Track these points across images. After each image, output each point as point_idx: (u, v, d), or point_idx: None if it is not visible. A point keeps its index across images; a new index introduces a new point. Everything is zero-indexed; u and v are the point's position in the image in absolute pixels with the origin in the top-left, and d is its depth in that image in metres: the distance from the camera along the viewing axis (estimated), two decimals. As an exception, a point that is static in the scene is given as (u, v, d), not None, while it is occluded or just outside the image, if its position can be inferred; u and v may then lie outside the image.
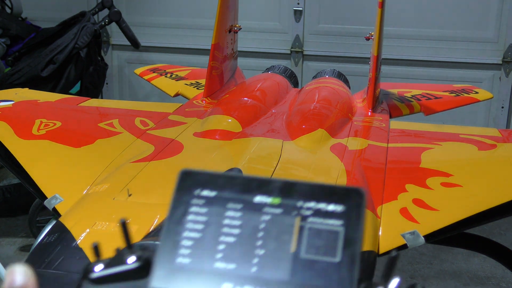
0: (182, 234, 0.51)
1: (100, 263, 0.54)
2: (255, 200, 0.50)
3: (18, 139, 1.93)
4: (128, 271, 0.53)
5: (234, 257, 0.49)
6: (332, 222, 0.48)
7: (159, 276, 0.49)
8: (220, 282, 0.48)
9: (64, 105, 2.35)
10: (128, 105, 2.54)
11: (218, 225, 0.50)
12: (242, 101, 2.34)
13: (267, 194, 0.50)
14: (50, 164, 1.83)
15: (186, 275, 0.49)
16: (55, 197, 1.63)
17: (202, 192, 0.52)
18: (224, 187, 0.52)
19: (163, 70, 3.29)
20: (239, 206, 0.50)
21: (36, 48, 3.72)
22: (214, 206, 0.51)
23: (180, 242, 0.50)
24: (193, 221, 0.51)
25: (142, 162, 1.74)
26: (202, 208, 0.51)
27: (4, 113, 2.09)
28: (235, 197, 0.51)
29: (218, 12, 2.42)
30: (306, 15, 4.63)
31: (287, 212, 0.49)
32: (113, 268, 0.53)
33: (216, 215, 0.51)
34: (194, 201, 0.52)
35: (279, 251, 0.48)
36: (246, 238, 0.49)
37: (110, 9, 3.79)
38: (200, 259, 0.49)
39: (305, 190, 0.50)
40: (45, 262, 1.27)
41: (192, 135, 2.01)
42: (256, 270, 0.48)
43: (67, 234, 1.34)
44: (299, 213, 0.49)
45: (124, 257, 0.53)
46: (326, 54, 4.61)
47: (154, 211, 1.43)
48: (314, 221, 0.49)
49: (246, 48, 3.89)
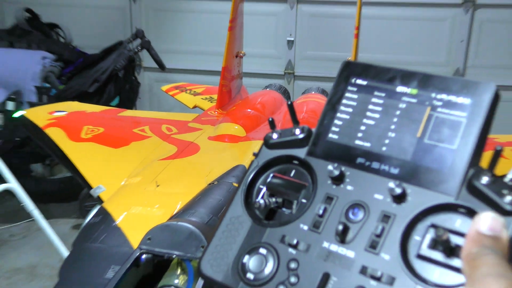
0: (336, 115, 0.50)
1: (275, 133, 0.53)
2: (397, 89, 0.48)
3: (70, 142, 1.95)
4: (294, 140, 0.51)
5: (370, 137, 0.48)
6: (458, 113, 0.45)
7: (313, 147, 0.50)
8: (355, 157, 0.47)
9: (106, 115, 2.36)
10: (156, 115, 2.55)
11: (363, 109, 0.49)
12: (246, 112, 2.35)
13: (407, 85, 0.48)
14: (95, 161, 1.84)
15: (333, 146, 0.49)
16: (99, 187, 1.65)
17: (356, 81, 0.50)
18: (374, 77, 0.50)
19: (184, 87, 3.31)
20: (383, 94, 0.49)
21: (83, 70, 3.73)
22: (363, 93, 0.50)
23: (333, 121, 0.50)
24: (345, 104, 0.50)
25: (167, 160, 1.75)
26: (354, 94, 0.50)
27: (59, 121, 2.10)
28: (381, 86, 0.49)
29: (227, 42, 2.43)
30: (297, 44, 4.65)
31: (421, 102, 0.47)
32: (285, 136, 0.52)
33: (363, 101, 0.49)
34: (349, 87, 0.50)
35: (407, 135, 0.46)
36: (383, 122, 0.48)
37: (142, 39, 3.79)
38: (345, 136, 0.49)
39: (440, 83, 0.46)
40: (91, 238, 1.28)
41: (206, 139, 2.02)
42: (385, 149, 0.47)
43: (109, 216, 1.36)
44: (431, 103, 0.46)
45: (293, 130, 0.52)
46: (312, 75, 4.62)
47: (176, 199, 1.44)
48: (442, 111, 0.45)
49: (249, 70, 3.89)
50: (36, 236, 3.17)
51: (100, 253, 1.22)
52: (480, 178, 0.42)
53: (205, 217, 1.26)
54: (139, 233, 1.22)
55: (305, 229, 0.46)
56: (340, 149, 0.48)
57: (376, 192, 0.45)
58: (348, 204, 0.46)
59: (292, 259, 0.45)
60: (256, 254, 0.46)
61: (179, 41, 4.80)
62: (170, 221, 1.23)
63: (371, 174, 0.46)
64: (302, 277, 0.44)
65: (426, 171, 0.44)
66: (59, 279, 1.21)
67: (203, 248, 1.15)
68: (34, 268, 2.92)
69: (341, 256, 0.44)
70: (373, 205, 0.45)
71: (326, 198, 0.47)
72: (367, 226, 0.44)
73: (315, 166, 0.49)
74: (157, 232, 1.18)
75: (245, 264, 0.46)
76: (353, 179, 0.47)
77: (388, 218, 0.44)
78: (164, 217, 1.33)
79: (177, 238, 1.16)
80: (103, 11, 4.90)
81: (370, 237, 0.43)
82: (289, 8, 4.57)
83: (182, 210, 1.32)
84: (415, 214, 0.43)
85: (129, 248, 1.22)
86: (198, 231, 1.16)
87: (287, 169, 0.51)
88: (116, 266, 1.17)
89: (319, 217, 0.46)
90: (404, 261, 0.42)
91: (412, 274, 0.41)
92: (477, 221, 0.40)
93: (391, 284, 0.41)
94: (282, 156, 0.51)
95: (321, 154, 0.49)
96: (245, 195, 0.51)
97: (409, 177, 0.45)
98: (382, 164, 0.46)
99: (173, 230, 1.17)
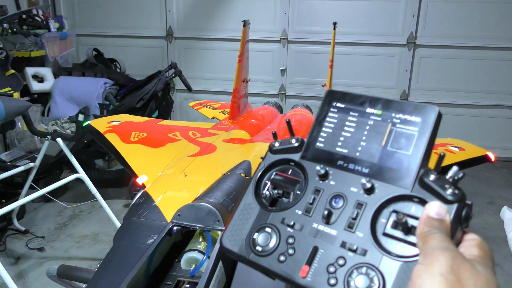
0: (322, 129, 0.50)
1: (277, 142, 0.52)
2: (367, 110, 0.48)
3: (122, 143, 1.93)
4: (291, 147, 0.51)
5: (347, 145, 0.47)
6: (411, 128, 0.44)
7: (305, 152, 0.49)
8: (336, 160, 0.47)
9: (148, 124, 2.35)
10: (185, 124, 2.53)
11: (342, 125, 0.48)
12: (250, 122, 2.33)
13: (374, 107, 0.47)
14: (140, 158, 1.83)
15: (319, 152, 0.48)
16: (143, 177, 1.63)
17: (336, 104, 0.50)
18: (350, 101, 0.49)
19: (205, 104, 3.29)
20: (356, 114, 0.48)
21: (133, 91, 3.73)
22: (341, 113, 0.49)
23: (320, 133, 0.49)
24: (328, 121, 0.49)
25: (192, 157, 1.73)
26: (335, 114, 0.49)
27: (114, 128, 2.09)
28: (354, 108, 0.48)
29: (237, 71, 2.42)
30: (288, 72, 4.64)
31: (384, 119, 0.46)
32: (284, 145, 0.52)
33: (341, 119, 0.49)
34: (331, 109, 0.50)
35: (374, 144, 0.46)
36: (356, 134, 0.47)
37: (175, 69, 3.79)
38: (328, 144, 0.48)
39: (398, 105, 0.46)
40: (137, 214, 1.26)
41: (221, 141, 2.01)
42: (358, 154, 0.46)
43: (150, 198, 1.34)
44: (392, 121, 0.46)
45: (290, 140, 0.51)
46: (299, 94, 4.61)
47: (200, 185, 1.42)
48: (400, 126, 0.45)
49: (253, 91, 3.88)
50: (98, 212, 3.16)
51: (143, 225, 1.20)
52: (428, 175, 0.41)
53: (220, 199, 1.24)
54: (171, 211, 1.20)
55: (299, 214, 0.46)
56: (325, 154, 0.48)
57: (352, 186, 0.45)
58: (332, 195, 0.45)
59: (289, 236, 0.44)
60: (263, 232, 0.46)
61: (202, 70, 4.80)
62: (194, 202, 1.21)
63: (348, 173, 0.46)
64: (297, 249, 0.43)
65: (389, 170, 0.44)
66: (113, 243, 1.19)
67: (219, 222, 1.13)
68: (96, 235, 2.91)
69: (326, 234, 0.43)
70: (350, 195, 0.44)
71: (315, 190, 0.46)
72: (345, 211, 0.44)
73: (307, 167, 0.48)
74: (184, 210, 1.16)
75: (255, 239, 0.46)
76: (335, 176, 0.46)
77: (361, 206, 0.43)
78: (190, 199, 1.31)
79: (200, 215, 1.14)
80: (148, 49, 4.90)
81: (348, 220, 0.43)
82: (282, 46, 4.56)
83: (203, 194, 1.30)
84: (381, 202, 0.42)
85: (164, 221, 1.20)
86: (215, 209, 1.14)
87: (286, 168, 0.51)
88: (155, 235, 1.15)
89: (309, 204, 0.46)
90: (373, 237, 0.41)
91: (380, 248, 0.40)
92: (427, 207, 0.39)
93: (364, 255, 0.40)
94: (282, 159, 0.51)
95: (311, 157, 0.49)
96: (255, 188, 0.50)
97: (376, 175, 0.44)
98: (356, 165, 0.46)
99: (197, 209, 1.15)
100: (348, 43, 4.37)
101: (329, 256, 0.41)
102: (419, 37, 4.30)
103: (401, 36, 4.32)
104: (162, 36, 4.79)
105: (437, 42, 4.28)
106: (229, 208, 1.21)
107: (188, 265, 1.15)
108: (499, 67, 4.28)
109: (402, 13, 4.28)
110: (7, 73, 3.54)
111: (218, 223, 1.12)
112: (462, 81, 4.37)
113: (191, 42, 4.76)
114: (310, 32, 4.45)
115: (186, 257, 1.15)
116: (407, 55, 4.36)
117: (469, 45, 4.24)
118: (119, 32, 4.85)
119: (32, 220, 3.07)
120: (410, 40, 4.30)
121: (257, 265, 0.44)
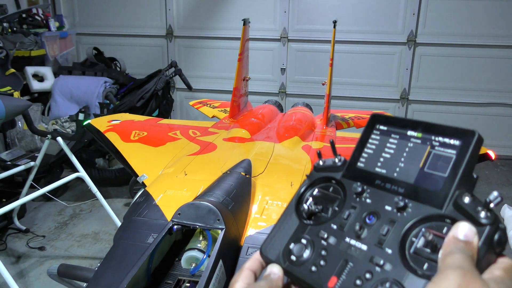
0: (364, 149, 0.51)
1: (321, 161, 0.54)
2: (408, 133, 0.48)
3: (123, 142, 1.93)
4: (334, 166, 0.52)
5: (386, 166, 0.48)
6: (449, 151, 0.44)
7: (346, 172, 0.51)
8: (374, 179, 0.48)
9: (149, 123, 2.34)
10: (185, 122, 2.53)
11: (383, 146, 0.49)
12: (250, 120, 2.32)
13: (415, 131, 0.48)
14: (141, 157, 1.82)
15: (359, 172, 0.50)
16: (143, 176, 1.63)
17: (380, 127, 0.51)
18: (392, 124, 0.50)
19: (205, 102, 3.28)
20: (397, 136, 0.49)
21: (133, 90, 3.72)
22: (383, 135, 0.50)
23: (362, 154, 0.51)
24: (371, 143, 0.51)
25: (193, 156, 1.72)
26: (377, 136, 0.51)
27: (115, 127, 2.09)
28: (396, 131, 0.49)
29: (237, 70, 2.42)
30: (288, 70, 4.63)
31: (423, 142, 0.47)
32: (328, 163, 0.53)
33: (383, 141, 0.50)
34: (374, 131, 0.51)
35: (412, 165, 0.46)
36: (396, 155, 0.48)
37: (175, 68, 3.78)
38: (368, 165, 0.49)
39: (438, 129, 0.46)
40: (137, 213, 1.26)
41: (222, 140, 2.00)
42: (396, 174, 0.47)
43: (150, 197, 1.33)
44: (431, 143, 0.46)
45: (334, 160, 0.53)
46: (299, 93, 4.60)
47: (199, 184, 1.42)
48: (439, 149, 0.45)
49: (253, 90, 3.88)
50: (98, 211, 3.16)
51: (143, 224, 1.20)
52: (463, 197, 0.42)
53: (221, 198, 1.24)
54: (171, 210, 1.19)
55: (334, 228, 0.47)
56: (365, 173, 0.50)
57: (387, 205, 0.46)
58: (367, 212, 0.47)
59: (323, 248, 0.46)
60: (299, 243, 0.48)
61: (202, 69, 4.79)
62: (194, 200, 1.21)
63: (384, 192, 0.47)
64: (328, 261, 0.45)
65: (424, 191, 0.45)
66: (114, 242, 1.19)
67: (219, 221, 1.13)
68: (97, 234, 2.91)
69: (357, 248, 0.44)
70: (384, 213, 0.45)
71: (351, 207, 0.48)
72: (377, 228, 0.45)
73: (346, 185, 0.50)
74: (185, 209, 1.16)
75: (291, 249, 0.48)
76: (372, 195, 0.48)
77: (393, 223, 0.44)
78: (190, 198, 1.31)
79: (200, 213, 1.14)
80: (148, 48, 4.89)
81: (379, 236, 0.44)
82: (282, 45, 4.55)
83: (203, 193, 1.30)
84: (413, 221, 0.44)
85: (165, 220, 1.20)
86: (215, 208, 1.14)
87: (327, 186, 0.52)
88: (155, 234, 1.15)
89: (344, 219, 0.47)
90: (401, 255, 0.42)
91: (406, 265, 0.41)
92: (455, 228, 0.39)
93: (390, 270, 0.41)
94: (325, 177, 0.53)
95: (351, 176, 0.50)
96: (296, 202, 0.52)
97: (411, 195, 0.45)
98: (393, 185, 0.47)
99: (197, 207, 1.15)
100: (348, 41, 4.36)
101: (357, 270, 0.42)
102: (419, 35, 4.29)
103: (401, 34, 4.31)
104: (162, 35, 4.78)
105: (438, 40, 4.27)
106: (229, 207, 1.21)
107: (188, 264, 1.14)
108: (500, 65, 4.27)
109: (402, 11, 4.27)
110: (7, 72, 3.54)
111: (218, 221, 1.12)
112: (463, 79, 4.36)
113: (191, 41, 4.75)
114: (310, 30, 4.44)
115: (186, 256, 1.14)
116: (407, 53, 4.35)
117: (469, 43, 4.23)
118: (119, 31, 4.84)
119: (33, 219, 3.07)
120: (410, 38, 4.29)
121: (290, 274, 0.46)
